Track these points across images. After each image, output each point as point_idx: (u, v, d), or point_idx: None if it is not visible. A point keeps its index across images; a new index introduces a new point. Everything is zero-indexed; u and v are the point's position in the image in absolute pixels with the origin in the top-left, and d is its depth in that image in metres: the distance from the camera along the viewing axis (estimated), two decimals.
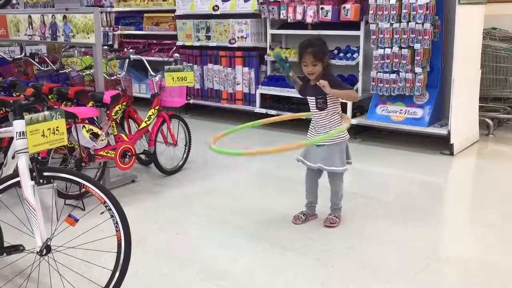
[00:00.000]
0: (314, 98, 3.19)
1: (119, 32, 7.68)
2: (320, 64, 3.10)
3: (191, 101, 6.83)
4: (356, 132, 5.49)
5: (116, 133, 3.95)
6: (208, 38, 6.58)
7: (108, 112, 3.88)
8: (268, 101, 6.20)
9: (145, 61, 4.33)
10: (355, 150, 5.19)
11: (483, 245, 3.12)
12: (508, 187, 4.11)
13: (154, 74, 4.30)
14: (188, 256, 3.00)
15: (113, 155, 3.82)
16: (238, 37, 6.26)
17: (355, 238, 3.19)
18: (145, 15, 7.38)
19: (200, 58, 6.71)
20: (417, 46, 4.84)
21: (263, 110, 6.10)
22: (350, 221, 3.40)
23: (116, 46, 7.69)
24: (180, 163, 4.53)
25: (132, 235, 2.33)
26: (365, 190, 4.09)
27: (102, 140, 3.74)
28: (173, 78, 4.09)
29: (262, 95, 6.17)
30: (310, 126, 3.30)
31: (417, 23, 4.79)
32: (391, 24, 4.95)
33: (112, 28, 7.76)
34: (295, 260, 2.93)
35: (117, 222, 2.25)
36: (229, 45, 6.32)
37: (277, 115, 5.91)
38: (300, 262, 2.90)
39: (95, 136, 3.70)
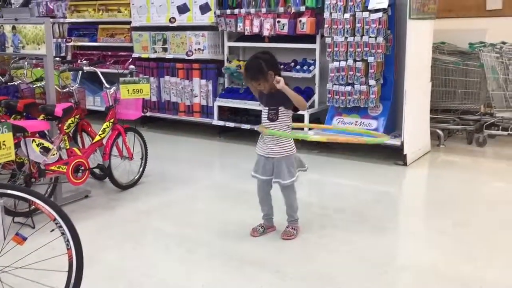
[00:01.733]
0: (266, 109, 3.20)
1: (72, 43, 7.49)
2: (264, 81, 3.10)
3: (148, 114, 6.73)
4: (314, 143, 5.55)
5: (68, 147, 3.83)
6: (165, 50, 6.52)
7: (60, 125, 3.75)
8: (226, 113, 6.19)
9: (99, 73, 4.24)
10: (312, 161, 5.28)
11: (437, 252, 3.19)
12: (459, 196, 4.24)
13: (109, 86, 4.21)
14: (144, 272, 2.92)
15: (65, 170, 3.69)
16: (195, 49, 6.24)
17: (312, 249, 3.20)
18: (100, 26, 7.24)
19: (157, 70, 6.64)
20: (370, 59, 4.96)
21: (221, 123, 6.09)
22: (308, 232, 3.41)
23: (69, 57, 7.51)
24: (136, 177, 4.43)
25: (86, 252, 2.25)
26: (322, 201, 4.13)
27: (54, 155, 3.61)
28: (128, 90, 4.02)
29: (220, 107, 6.15)
30: (258, 139, 3.29)
31: (370, 37, 4.91)
32: (346, 38, 5.06)
33: (65, 39, 7.56)
34: (253, 273, 2.90)
35: (68, 240, 2.16)
36: (186, 57, 6.28)
37: (235, 127, 5.93)
38: (259, 275, 2.88)
39: (46, 150, 3.57)
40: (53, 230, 2.20)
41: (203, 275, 2.89)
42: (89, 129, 4.34)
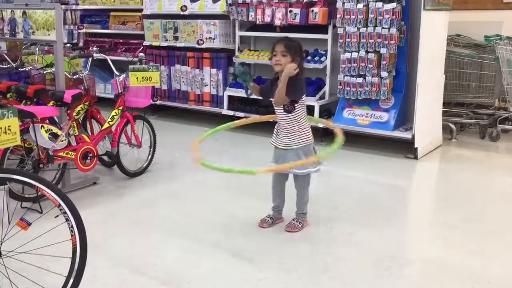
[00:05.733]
0: None
1: (84, 30, 7.49)
2: (289, 58, 3.06)
3: (158, 102, 6.73)
4: (323, 135, 5.51)
5: (77, 134, 3.83)
6: (176, 38, 6.49)
7: (69, 111, 3.76)
8: (236, 103, 6.16)
9: (109, 60, 4.22)
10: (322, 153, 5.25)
11: (445, 247, 3.16)
12: (469, 190, 4.18)
13: (118, 74, 4.19)
14: (148, 260, 2.92)
15: (73, 156, 3.70)
16: (206, 38, 6.20)
17: (319, 242, 3.17)
18: (112, 13, 7.23)
19: (168, 58, 6.62)
20: (383, 50, 4.89)
21: (231, 112, 6.06)
22: (315, 224, 3.39)
23: (81, 44, 7.52)
24: (144, 165, 4.43)
25: (93, 239, 2.25)
26: (330, 193, 4.09)
27: (62, 141, 3.62)
28: (137, 78, 4.00)
29: (230, 97, 6.12)
30: (274, 131, 3.26)
31: (383, 28, 4.84)
32: (358, 29, 4.98)
33: (77, 26, 7.57)
34: (259, 264, 2.89)
35: (72, 226, 2.16)
36: (197, 46, 6.25)
37: (245, 117, 5.89)
38: (264, 266, 2.86)
39: (54, 136, 3.58)
40: (57, 216, 2.20)
41: (208, 264, 2.88)
42: (99, 116, 4.34)
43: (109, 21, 7.28)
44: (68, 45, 4.69)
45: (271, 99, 3.19)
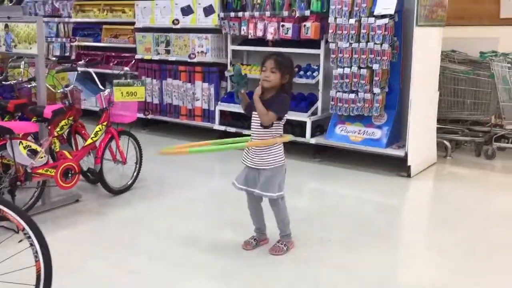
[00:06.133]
0: None
1: (76, 43, 7.42)
2: (279, 75, 2.95)
3: (149, 116, 6.64)
4: (316, 151, 5.40)
5: (58, 150, 3.72)
6: (168, 52, 6.42)
7: (49, 127, 3.64)
8: (228, 118, 6.05)
9: (94, 74, 4.13)
10: (313, 170, 5.14)
11: (437, 272, 3.03)
12: (463, 211, 4.06)
13: (103, 88, 4.09)
14: (127, 284, 2.79)
15: (53, 174, 3.58)
16: (198, 52, 6.12)
17: (306, 264, 3.04)
18: (104, 26, 7.17)
19: (159, 72, 6.54)
20: (375, 66, 4.80)
21: (222, 127, 5.95)
22: (302, 246, 3.26)
23: (73, 57, 7.45)
24: (129, 182, 4.31)
25: (68, 261, 2.12)
26: (321, 212, 3.97)
27: (42, 158, 3.50)
28: (122, 92, 3.90)
29: (221, 111, 6.02)
30: (245, 149, 3.11)
31: (375, 43, 4.75)
32: (350, 44, 4.90)
33: (69, 39, 7.50)
34: None
35: (36, 252, 2.03)
36: (189, 60, 6.17)
37: (236, 132, 5.78)
38: None
39: (33, 153, 3.47)
40: (21, 240, 2.08)
41: None
42: (83, 131, 4.24)
43: (101, 34, 7.21)
44: (54, 58, 4.60)
45: (253, 112, 3.08)
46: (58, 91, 4.10)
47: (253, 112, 3.05)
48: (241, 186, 3.11)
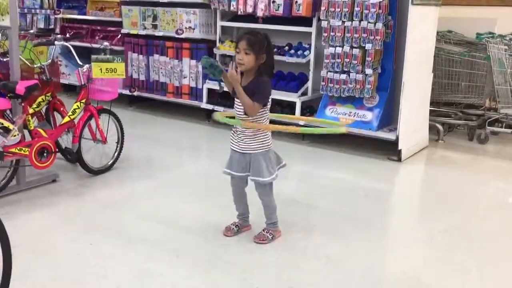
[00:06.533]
0: None
1: (61, 15, 7.15)
2: (253, 56, 2.75)
3: (136, 94, 6.44)
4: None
5: (32, 128, 3.54)
6: (155, 27, 6.19)
7: (23, 104, 3.46)
8: (216, 96, 5.87)
9: (72, 49, 3.92)
10: (302, 153, 5.01)
11: (424, 262, 2.92)
12: (454, 197, 3.95)
13: (81, 64, 3.90)
14: (97, 272, 2.66)
15: (27, 153, 3.42)
16: (186, 28, 5.90)
17: (287, 254, 2.92)
18: None
19: (146, 47, 6.32)
20: (368, 46, 4.62)
21: (210, 106, 5.78)
22: (286, 233, 3.13)
23: (57, 31, 7.20)
24: (109, 162, 4.15)
25: (39, 245, 1.98)
26: (307, 197, 3.85)
27: (15, 136, 3.33)
28: (101, 69, 3.71)
29: (209, 90, 5.84)
30: (231, 133, 2.97)
31: (369, 22, 4.57)
32: (343, 22, 4.72)
33: (53, 11, 7.22)
34: (218, 278, 2.64)
35: None
36: (177, 36, 5.95)
37: (224, 111, 5.61)
38: (224, 281, 2.61)
39: (6, 131, 3.29)
40: None
41: (163, 279, 2.62)
42: (62, 109, 4.05)
43: (86, 7, 6.95)
44: (32, 31, 4.38)
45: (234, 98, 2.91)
46: (35, 65, 3.89)
47: (235, 99, 2.88)
48: (236, 173, 2.94)
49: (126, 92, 6.49)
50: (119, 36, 6.54)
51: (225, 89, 2.99)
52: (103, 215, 3.38)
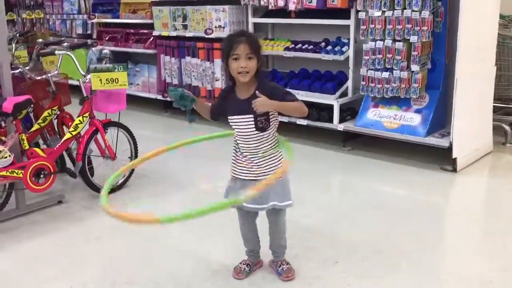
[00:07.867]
0: (252, 116, 2.33)
1: (96, 20, 6.98)
2: (256, 60, 2.29)
3: (169, 99, 6.11)
4: (345, 139, 4.67)
5: (27, 148, 3.25)
6: (185, 27, 5.82)
7: (14, 123, 3.17)
8: None
9: (74, 59, 3.59)
10: (343, 161, 4.42)
11: None
12: None
13: (83, 74, 3.56)
14: None
15: (21, 175, 3.12)
16: (215, 27, 5.48)
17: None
18: (122, 1, 6.66)
19: (178, 50, 5.97)
20: (413, 38, 3.95)
21: None
22: (318, 262, 2.60)
23: (94, 36, 7.06)
24: (120, 181, 3.79)
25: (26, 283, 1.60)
26: (346, 211, 3.32)
27: (5, 157, 3.05)
28: (101, 80, 3.35)
29: None
30: (236, 156, 2.45)
31: (413, 10, 3.90)
32: (383, 12, 4.07)
33: (88, 16, 7.07)
34: None
35: None
36: (206, 36, 5.54)
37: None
38: None
39: None
40: None
41: None
42: (70, 123, 3.74)
43: (119, 10, 6.72)
44: (40, 40, 4.13)
45: (231, 117, 2.41)
46: (39, 77, 3.62)
47: (237, 116, 2.38)
48: (253, 206, 2.42)
49: (160, 97, 6.21)
50: (151, 39, 6.24)
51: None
52: (99, 246, 3.00)
